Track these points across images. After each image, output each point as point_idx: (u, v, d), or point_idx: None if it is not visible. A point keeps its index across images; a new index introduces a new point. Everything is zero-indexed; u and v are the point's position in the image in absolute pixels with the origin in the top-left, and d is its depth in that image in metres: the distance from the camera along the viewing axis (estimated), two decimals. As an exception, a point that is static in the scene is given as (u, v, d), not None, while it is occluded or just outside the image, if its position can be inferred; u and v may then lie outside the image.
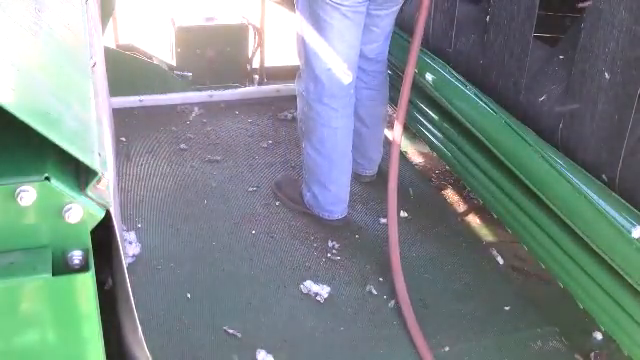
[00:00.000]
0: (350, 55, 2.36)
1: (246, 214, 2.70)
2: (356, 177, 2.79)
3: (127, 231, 2.50)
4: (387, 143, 3.34)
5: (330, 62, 2.35)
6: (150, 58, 3.77)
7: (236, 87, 3.73)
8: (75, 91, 0.98)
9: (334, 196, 2.58)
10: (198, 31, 3.70)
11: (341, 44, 2.32)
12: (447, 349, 2.11)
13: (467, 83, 2.35)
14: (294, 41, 2.48)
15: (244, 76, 3.84)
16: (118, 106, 3.30)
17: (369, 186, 2.94)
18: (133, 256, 2.39)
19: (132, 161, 3.00)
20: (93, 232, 0.88)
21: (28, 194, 0.82)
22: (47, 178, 0.83)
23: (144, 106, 3.45)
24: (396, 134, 2.35)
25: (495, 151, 2.19)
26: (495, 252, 2.59)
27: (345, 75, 2.38)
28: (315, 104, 2.42)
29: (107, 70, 1.94)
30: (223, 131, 3.33)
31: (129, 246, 2.42)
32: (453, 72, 2.44)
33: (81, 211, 0.85)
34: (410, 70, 2.31)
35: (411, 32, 2.31)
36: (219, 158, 3.08)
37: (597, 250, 1.78)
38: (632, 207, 1.69)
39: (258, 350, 2.03)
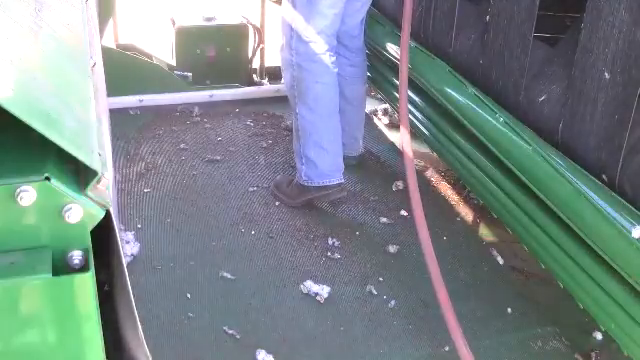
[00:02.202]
0: (337, 20, 2.60)
1: (246, 214, 2.70)
2: (344, 159, 2.79)
3: (126, 231, 2.51)
4: (385, 140, 3.34)
5: (321, 25, 2.54)
6: (150, 58, 3.77)
7: (236, 87, 3.73)
8: (75, 91, 0.98)
9: (331, 157, 2.66)
10: (198, 31, 3.70)
11: (331, 10, 2.54)
12: (447, 349, 2.11)
13: (467, 83, 2.35)
14: (281, 15, 2.65)
15: (244, 76, 3.84)
16: (118, 106, 3.30)
17: (370, 184, 2.95)
18: (132, 256, 2.40)
19: (132, 161, 3.00)
20: (92, 232, 0.88)
21: (28, 194, 0.82)
22: (47, 178, 0.82)
23: (144, 106, 3.45)
24: (405, 141, 2.37)
25: (495, 151, 2.19)
26: (495, 252, 2.59)
27: (332, 39, 2.62)
28: (307, 63, 2.58)
29: (107, 70, 1.94)
30: (223, 131, 3.33)
31: (127, 246, 2.42)
32: (453, 72, 2.44)
33: (81, 211, 0.85)
34: (404, 68, 2.39)
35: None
36: (219, 158, 3.08)
37: (597, 250, 1.78)
38: (632, 207, 1.69)
39: (258, 350, 2.03)
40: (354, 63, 2.85)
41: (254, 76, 3.89)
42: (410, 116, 2.87)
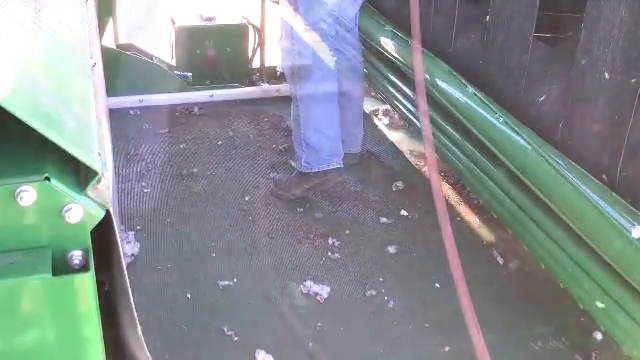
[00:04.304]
0: (335, 9, 2.66)
1: (246, 214, 2.70)
2: (344, 157, 2.80)
3: (126, 231, 2.51)
4: (385, 140, 3.34)
5: (320, 12, 2.60)
6: (150, 58, 3.77)
7: (236, 87, 3.73)
8: (75, 91, 0.98)
9: (330, 142, 2.69)
10: (198, 31, 3.70)
11: None
12: (447, 349, 2.11)
13: (467, 83, 2.35)
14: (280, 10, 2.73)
15: (244, 76, 3.84)
16: (118, 106, 3.29)
17: (370, 184, 2.95)
18: (132, 256, 2.39)
19: (132, 161, 3.00)
20: (92, 232, 0.88)
21: (28, 194, 0.82)
22: (47, 178, 0.82)
23: (144, 106, 3.45)
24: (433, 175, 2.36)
25: (495, 151, 2.19)
26: (495, 252, 2.58)
27: (331, 27, 2.66)
28: (307, 51, 2.63)
29: (107, 70, 1.95)
30: (223, 131, 3.33)
31: (127, 246, 2.42)
32: (453, 72, 2.44)
33: (81, 211, 0.85)
34: (420, 83, 2.40)
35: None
36: (219, 158, 3.08)
37: (597, 250, 1.78)
38: (632, 207, 1.69)
39: (258, 350, 2.03)
40: (349, 57, 2.88)
41: (254, 76, 3.89)
42: (410, 115, 2.87)
